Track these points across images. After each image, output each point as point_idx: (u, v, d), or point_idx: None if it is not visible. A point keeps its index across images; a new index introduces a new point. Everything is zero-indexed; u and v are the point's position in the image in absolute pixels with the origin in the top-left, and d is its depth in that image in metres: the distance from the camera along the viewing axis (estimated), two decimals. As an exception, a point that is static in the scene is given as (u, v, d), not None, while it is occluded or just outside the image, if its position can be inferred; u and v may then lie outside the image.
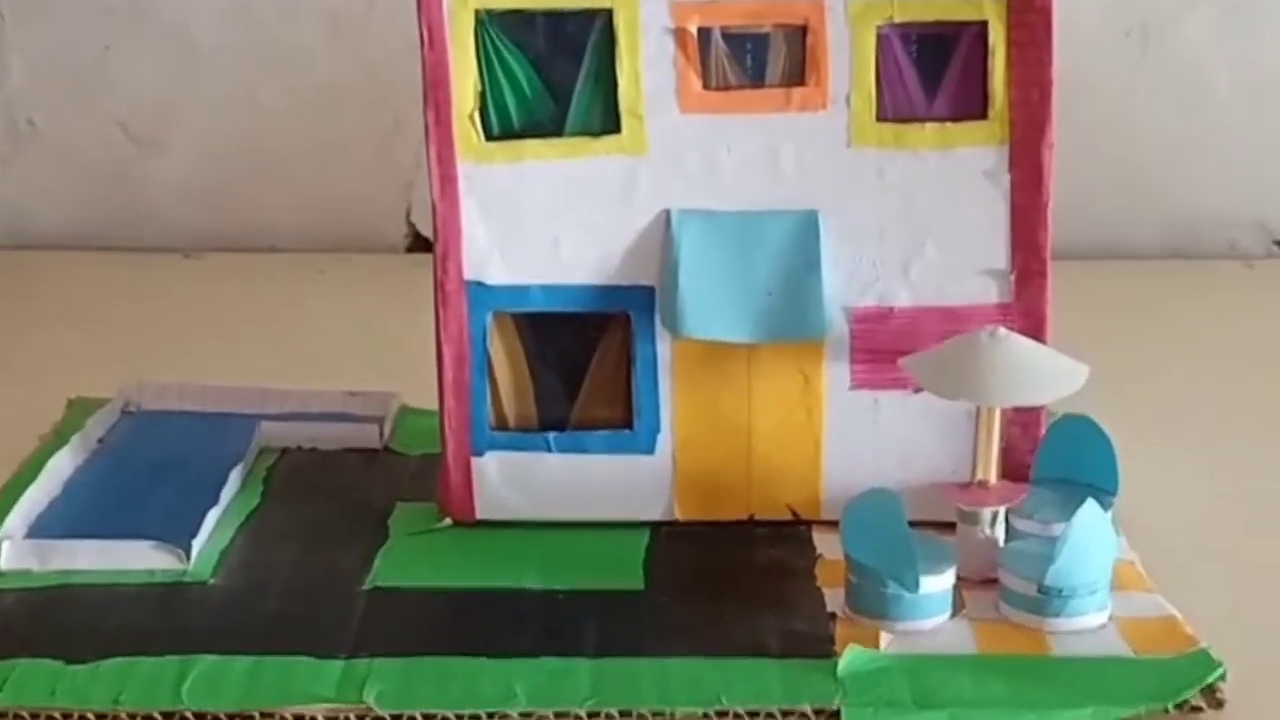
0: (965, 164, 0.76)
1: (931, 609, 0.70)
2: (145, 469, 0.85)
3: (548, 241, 0.77)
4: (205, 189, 1.27)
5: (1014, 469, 0.79)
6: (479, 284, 0.77)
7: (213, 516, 0.79)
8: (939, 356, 0.73)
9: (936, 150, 0.76)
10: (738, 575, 0.75)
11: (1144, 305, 1.14)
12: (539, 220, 0.77)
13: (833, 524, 0.78)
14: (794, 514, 0.80)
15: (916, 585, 0.69)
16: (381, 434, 0.89)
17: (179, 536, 0.76)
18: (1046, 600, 0.69)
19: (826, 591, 0.73)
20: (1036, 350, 0.73)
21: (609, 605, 0.72)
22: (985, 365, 0.71)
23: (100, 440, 0.88)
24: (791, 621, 0.71)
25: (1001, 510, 0.74)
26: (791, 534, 0.79)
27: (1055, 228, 0.77)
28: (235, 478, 0.83)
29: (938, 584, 0.70)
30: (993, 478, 0.74)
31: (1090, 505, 0.69)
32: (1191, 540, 0.80)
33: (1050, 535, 0.74)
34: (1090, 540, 0.69)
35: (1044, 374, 0.72)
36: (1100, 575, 0.70)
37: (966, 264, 0.77)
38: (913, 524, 0.77)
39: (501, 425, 0.79)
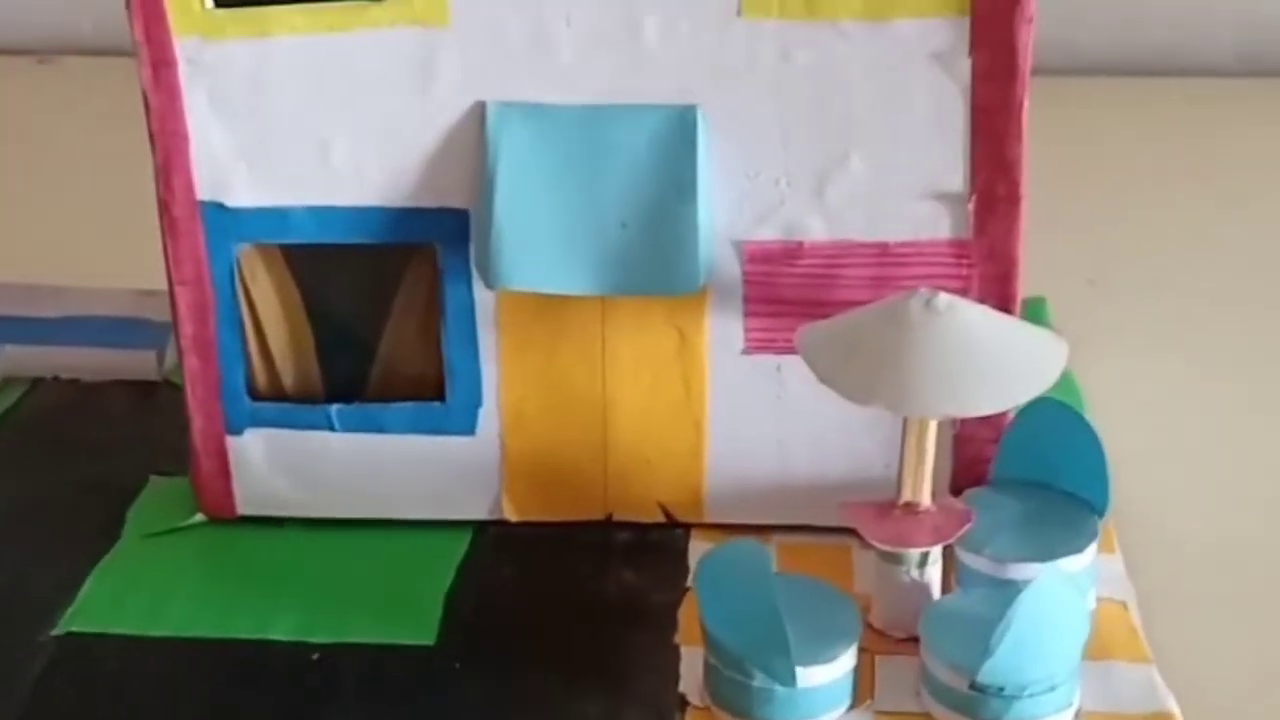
0: (906, 41, 0.52)
1: (818, 706, 0.49)
2: None
3: (312, 147, 0.54)
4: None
5: (967, 465, 0.57)
6: (219, 206, 0.55)
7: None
8: (845, 334, 0.51)
9: (865, 22, 0.52)
10: (571, 617, 0.55)
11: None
12: (299, 118, 0.54)
13: (718, 528, 0.58)
14: (667, 514, 0.59)
15: (793, 679, 0.48)
16: (161, 361, 0.68)
17: None
18: (982, 700, 0.48)
19: (685, 653, 0.53)
20: (994, 327, 0.51)
21: (379, 672, 0.52)
22: (915, 354, 0.49)
23: None
24: (623, 709, 0.51)
25: (934, 549, 0.53)
26: (661, 544, 0.58)
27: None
28: (-58, 436, 0.63)
29: (827, 673, 0.49)
30: (925, 499, 0.53)
31: (1043, 582, 0.48)
32: (1227, 549, 0.58)
33: (1006, 578, 0.52)
34: (1044, 627, 0.48)
35: (1003, 368, 0.49)
36: (1060, 666, 0.49)
37: (906, 184, 0.54)
38: (829, 530, 0.57)
39: (269, 395, 0.58)
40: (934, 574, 0.53)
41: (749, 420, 0.57)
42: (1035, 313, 0.68)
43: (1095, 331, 0.71)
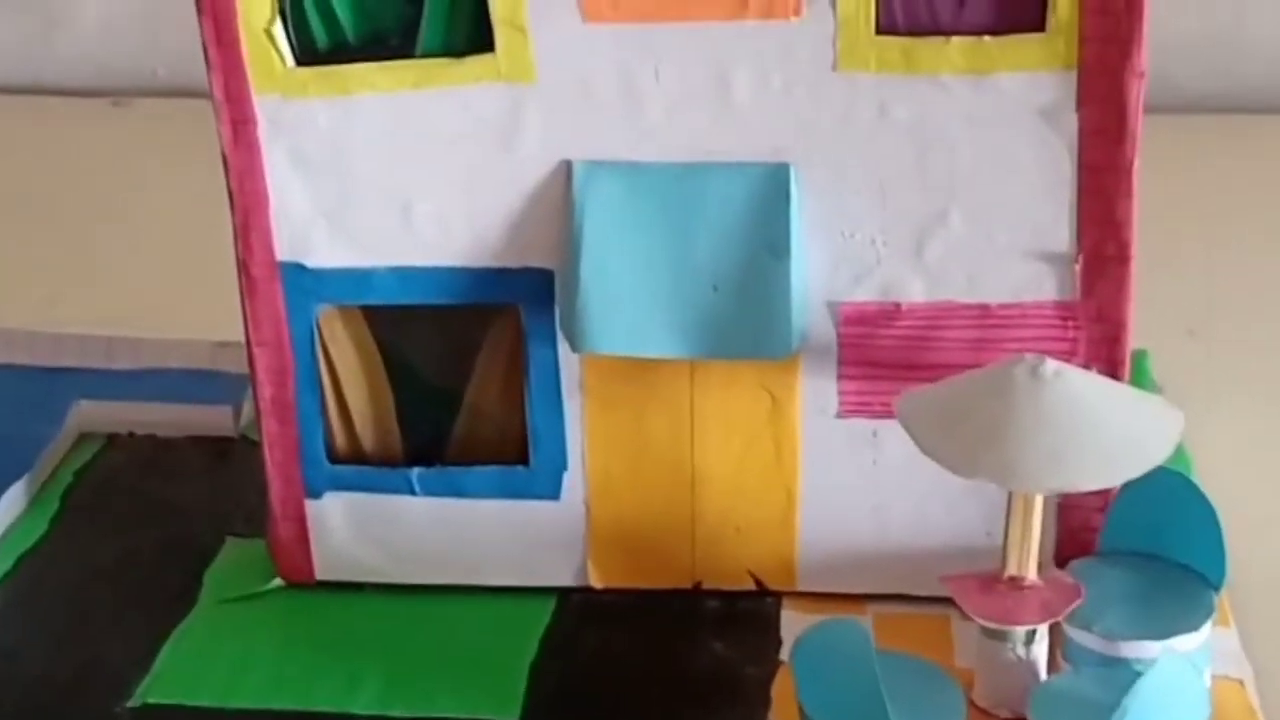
0: (1010, 97, 0.50)
1: (923, 794, 0.47)
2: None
3: (395, 207, 0.53)
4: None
5: (1073, 534, 0.55)
6: (299, 267, 0.54)
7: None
8: (948, 402, 0.49)
9: (967, 76, 0.50)
10: (659, 691, 0.53)
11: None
12: (381, 177, 0.52)
13: (811, 597, 0.56)
14: (758, 583, 0.57)
15: (897, 766, 0.46)
16: (237, 418, 0.67)
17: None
18: (1096, 790, 0.46)
19: (781, 731, 0.51)
20: (1103, 395, 0.48)
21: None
22: (1021, 425, 0.47)
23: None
24: (718, 793, 0.49)
25: (1042, 625, 0.50)
26: (752, 613, 0.56)
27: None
28: (16, 494, 0.62)
29: (932, 759, 0.47)
30: (1031, 573, 0.50)
31: (1162, 667, 0.46)
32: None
33: (1118, 656, 0.50)
34: (1162, 712, 0.46)
35: (1113, 441, 0.47)
36: (1180, 753, 0.46)
37: (1009, 243, 0.52)
38: (927, 600, 0.55)
39: (348, 457, 0.56)
40: (1040, 652, 0.51)
41: (843, 486, 0.55)
42: (1136, 367, 0.66)
43: (1197, 386, 0.68)
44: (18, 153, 0.95)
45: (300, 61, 0.51)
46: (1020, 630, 0.50)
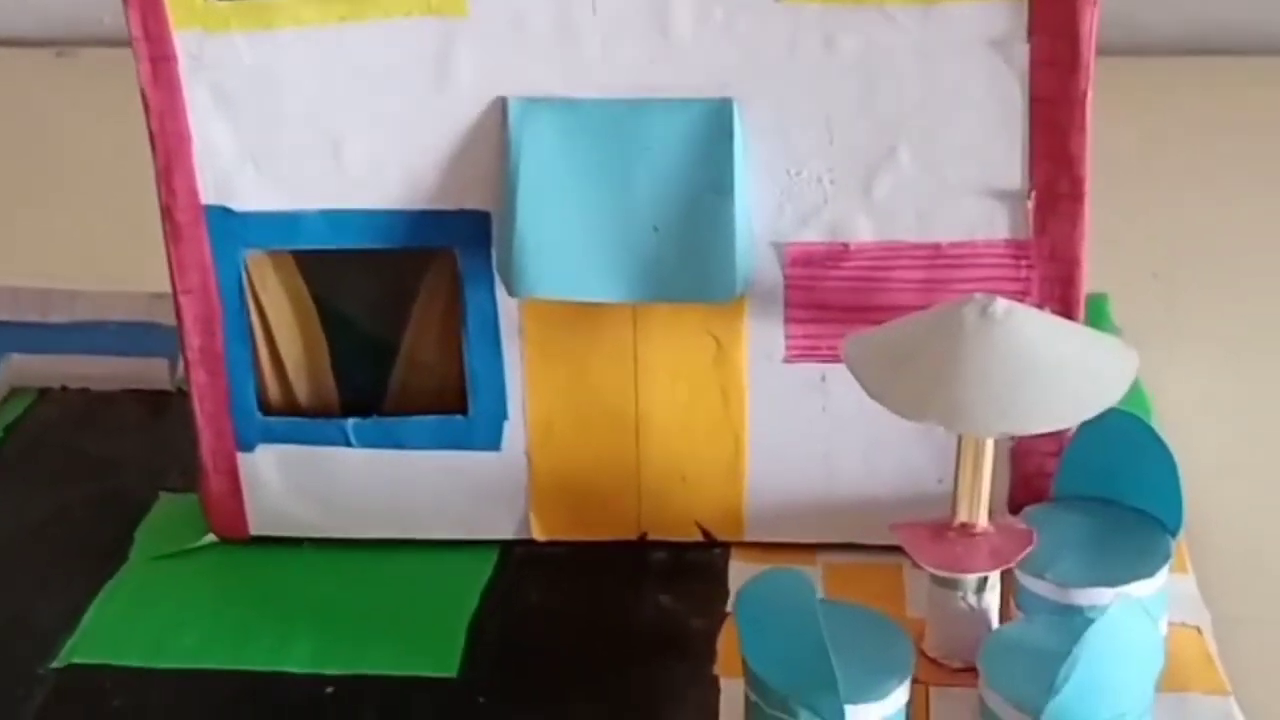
0: (959, 27, 0.48)
1: (867, 747, 0.46)
2: None
3: (324, 147, 0.51)
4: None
5: (1026, 479, 0.53)
6: (225, 210, 0.52)
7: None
8: (895, 345, 0.47)
9: (915, 6, 0.48)
10: (603, 646, 0.51)
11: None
12: (308, 116, 0.50)
13: (760, 547, 0.55)
14: (705, 533, 0.55)
15: (842, 717, 0.44)
16: (174, 369, 0.65)
17: None
18: (1047, 742, 0.45)
19: (725, 685, 0.49)
20: (1056, 335, 0.47)
21: (399, 707, 0.49)
22: (970, 367, 0.45)
23: None
24: (659, 746, 0.47)
25: (993, 573, 0.49)
26: (699, 565, 0.54)
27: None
28: (-57, 451, 0.60)
29: (878, 711, 0.45)
30: (982, 519, 0.49)
31: (1114, 614, 0.44)
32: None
33: (1071, 604, 0.49)
34: (1115, 660, 0.44)
35: (1066, 382, 0.46)
36: (1132, 703, 0.45)
37: (960, 180, 0.50)
38: (879, 549, 0.53)
39: (281, 408, 0.55)
40: (992, 600, 0.49)
41: (792, 433, 0.53)
42: (1096, 311, 0.64)
43: (1161, 330, 0.67)
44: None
45: (221, -7, 0.49)
46: (971, 578, 0.48)
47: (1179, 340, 0.67)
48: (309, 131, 0.51)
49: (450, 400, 0.54)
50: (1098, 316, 0.64)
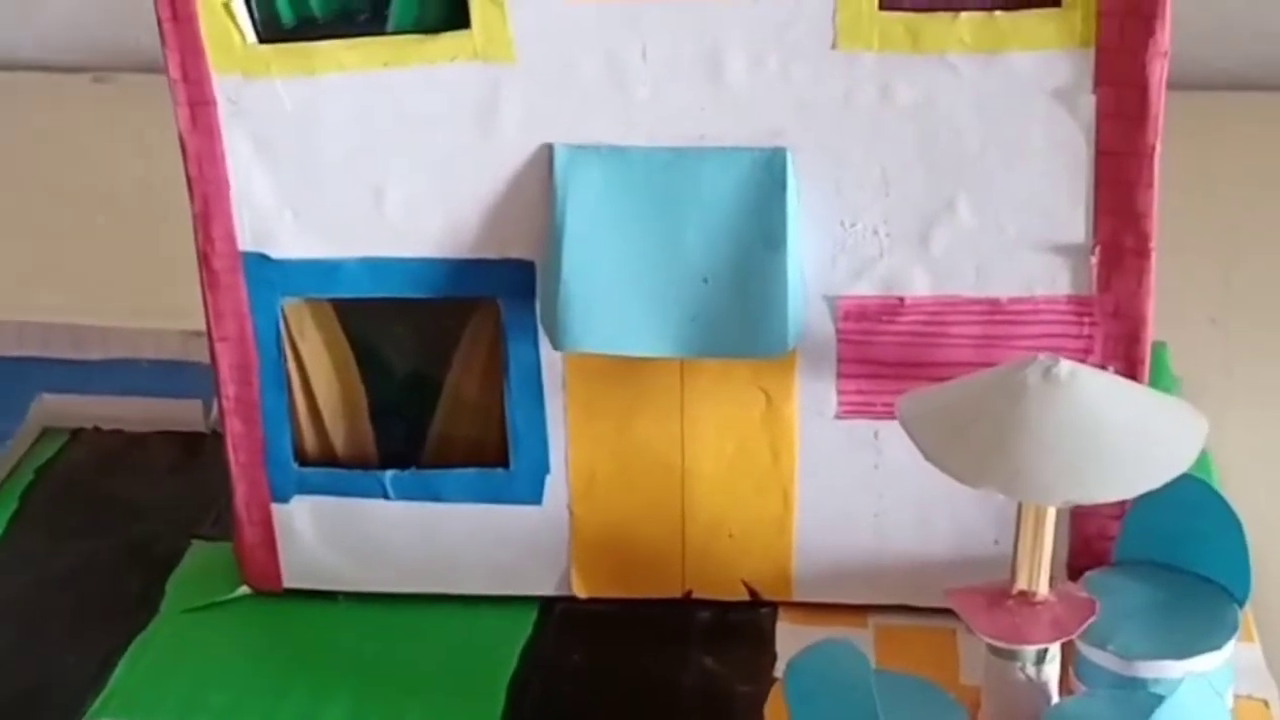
0: (1022, 78, 0.47)
1: (924, 828, 0.44)
2: None
3: (366, 194, 0.50)
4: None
5: (1087, 543, 0.52)
6: (262, 258, 0.50)
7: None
8: (953, 406, 0.46)
9: (977, 55, 0.47)
10: (647, 710, 0.50)
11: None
12: (350, 163, 0.49)
13: (809, 608, 0.53)
14: (752, 593, 0.53)
15: (898, 799, 0.43)
16: (208, 412, 0.64)
17: None
18: (1111, 823, 0.43)
19: (776, 755, 0.48)
20: (1121, 398, 0.45)
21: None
22: (1032, 432, 0.44)
23: None
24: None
25: (1053, 646, 0.47)
26: (746, 626, 0.53)
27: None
28: (-28, 493, 0.59)
29: (935, 791, 0.44)
30: (1042, 588, 0.47)
31: (1182, 694, 0.42)
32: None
33: (1134, 676, 0.47)
34: (1186, 742, 0.43)
35: (1132, 448, 0.44)
36: (1202, 786, 0.43)
37: (1021, 234, 0.48)
38: (932, 611, 0.51)
39: (319, 459, 0.53)
40: (1052, 672, 0.47)
41: (843, 491, 0.52)
42: (1155, 360, 0.62)
43: (1220, 378, 0.65)
44: (-6, 133, 0.92)
45: (263, 39, 0.48)
46: (1030, 649, 0.47)
47: (1240, 389, 0.65)
48: (350, 178, 0.49)
49: (491, 453, 0.52)
50: (1156, 366, 0.62)
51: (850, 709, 0.43)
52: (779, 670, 0.50)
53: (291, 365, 0.52)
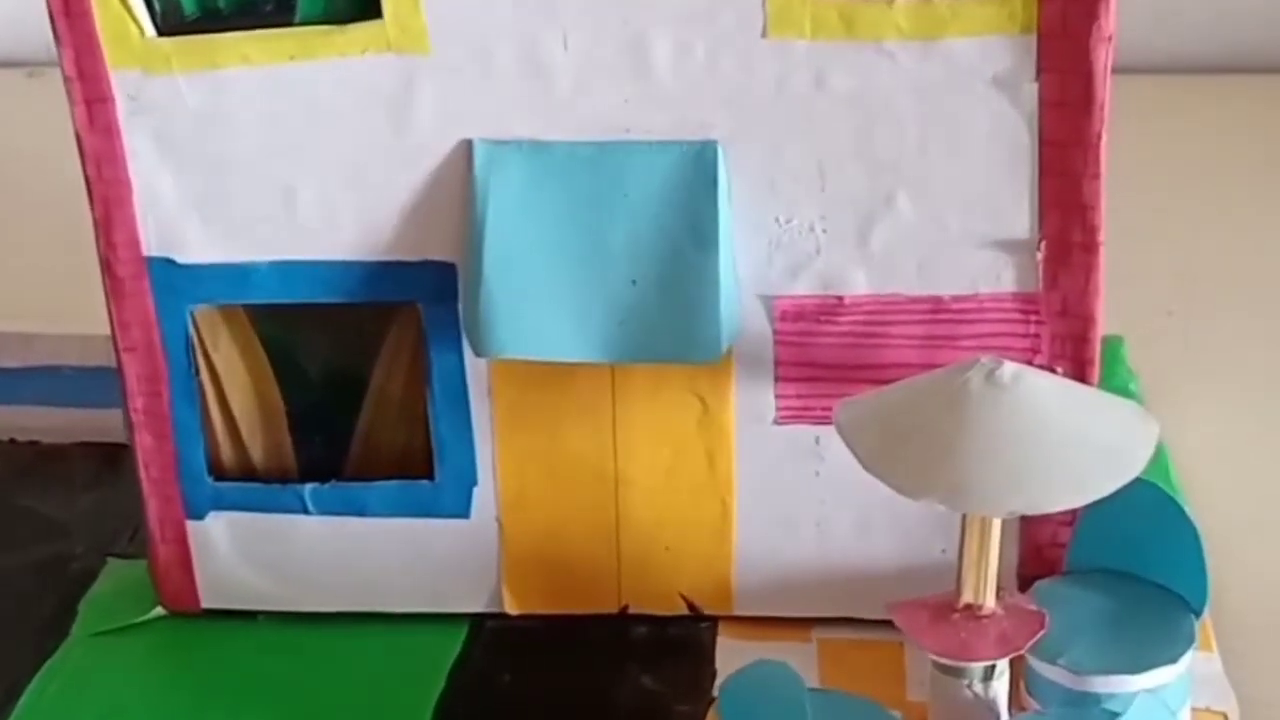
0: (962, 65, 0.45)
1: None
2: None
3: (276, 194, 0.47)
4: None
5: (1036, 550, 0.49)
6: (168, 263, 0.48)
7: None
8: (893, 412, 0.43)
9: (914, 42, 0.45)
10: (580, 733, 0.48)
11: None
12: (258, 161, 0.47)
13: (750, 622, 0.51)
14: (691, 606, 0.51)
15: (835, 827, 0.41)
16: (129, 421, 0.61)
17: None
18: None
19: (713, 778, 0.46)
20: (1069, 402, 0.43)
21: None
22: (976, 439, 0.41)
23: None
24: None
25: (1001, 661, 0.45)
26: (684, 641, 0.50)
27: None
28: (-121, 514, 0.56)
29: (875, 818, 0.42)
30: (989, 601, 0.45)
31: (1135, 714, 0.40)
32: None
33: (1086, 691, 0.45)
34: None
35: (1081, 455, 0.41)
36: (1157, 808, 0.41)
37: (963, 230, 0.46)
38: (877, 624, 0.49)
39: (235, 473, 0.51)
40: (1000, 688, 0.45)
41: (783, 500, 0.49)
42: (1111, 354, 0.60)
43: (1178, 374, 0.63)
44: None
45: (163, 31, 0.45)
46: (978, 666, 0.45)
47: (1198, 383, 0.63)
48: (259, 178, 0.47)
49: (416, 464, 0.50)
50: (1112, 361, 0.60)
51: (786, 732, 0.41)
52: (718, 688, 0.48)
53: (204, 375, 0.50)
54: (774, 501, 0.50)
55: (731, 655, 0.50)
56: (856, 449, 0.43)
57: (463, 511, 0.50)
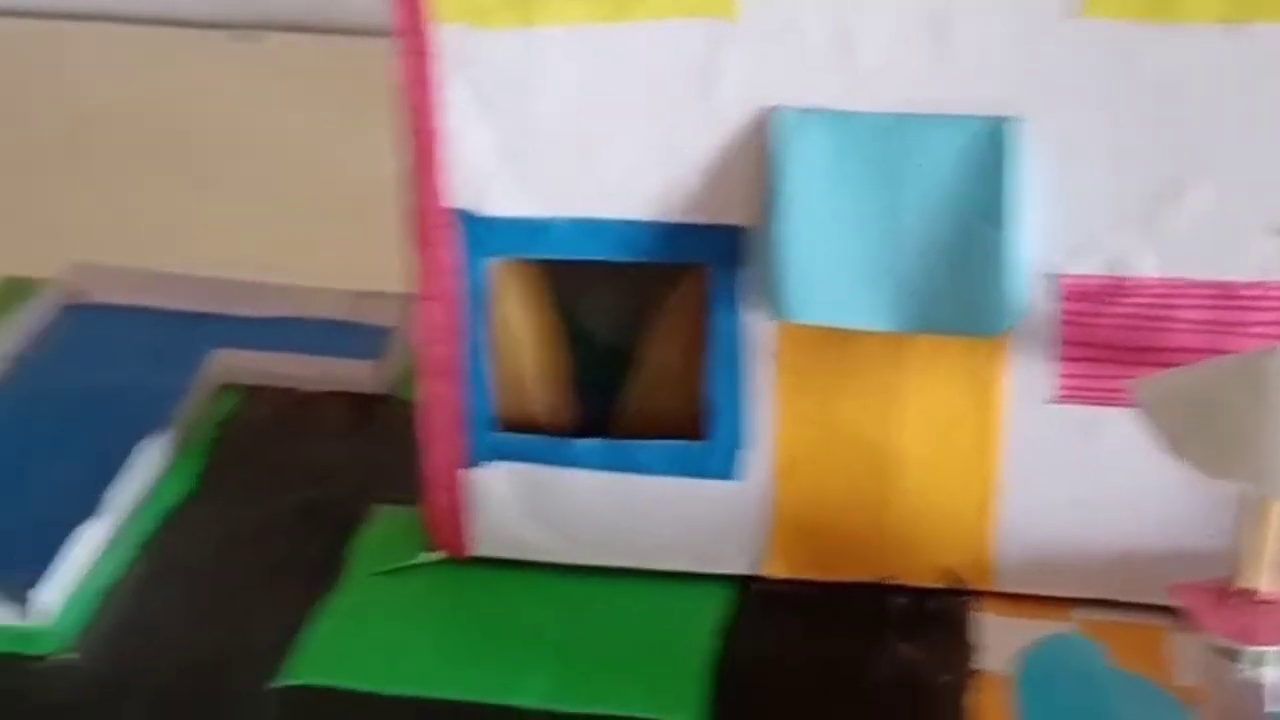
0: (1269, 49, 0.45)
1: (1151, 826, 0.42)
2: (49, 421, 0.61)
3: (579, 153, 0.49)
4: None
5: (1310, 541, 0.50)
6: (473, 216, 0.50)
7: (94, 535, 0.54)
8: (1191, 392, 0.44)
9: (1222, 25, 0.45)
10: (850, 700, 0.48)
11: None
12: (567, 119, 0.48)
13: (1007, 598, 0.51)
14: (950, 579, 0.52)
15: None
16: (379, 374, 0.62)
17: (21, 573, 0.52)
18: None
19: (980, 749, 0.46)
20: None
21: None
22: (1275, 425, 0.42)
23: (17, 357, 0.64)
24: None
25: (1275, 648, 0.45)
26: (944, 614, 0.51)
27: None
28: (159, 448, 0.58)
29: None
30: (1265, 585, 0.45)
31: None
32: None
33: (1365, 681, 0.45)
34: None
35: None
36: None
37: (1258, 216, 0.47)
38: (1137, 607, 0.50)
39: (516, 424, 0.52)
40: (1275, 675, 0.45)
41: (1052, 478, 0.50)
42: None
43: None
44: (137, 86, 0.89)
45: (482, -15, 0.47)
46: (1259, 651, 0.45)
47: None
48: (566, 135, 0.48)
49: (687, 426, 0.51)
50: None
51: (1082, 708, 0.41)
52: (978, 661, 0.49)
53: (496, 327, 0.51)
54: (1042, 479, 0.50)
55: (990, 630, 0.50)
56: (1160, 428, 0.43)
57: (733, 474, 0.51)
